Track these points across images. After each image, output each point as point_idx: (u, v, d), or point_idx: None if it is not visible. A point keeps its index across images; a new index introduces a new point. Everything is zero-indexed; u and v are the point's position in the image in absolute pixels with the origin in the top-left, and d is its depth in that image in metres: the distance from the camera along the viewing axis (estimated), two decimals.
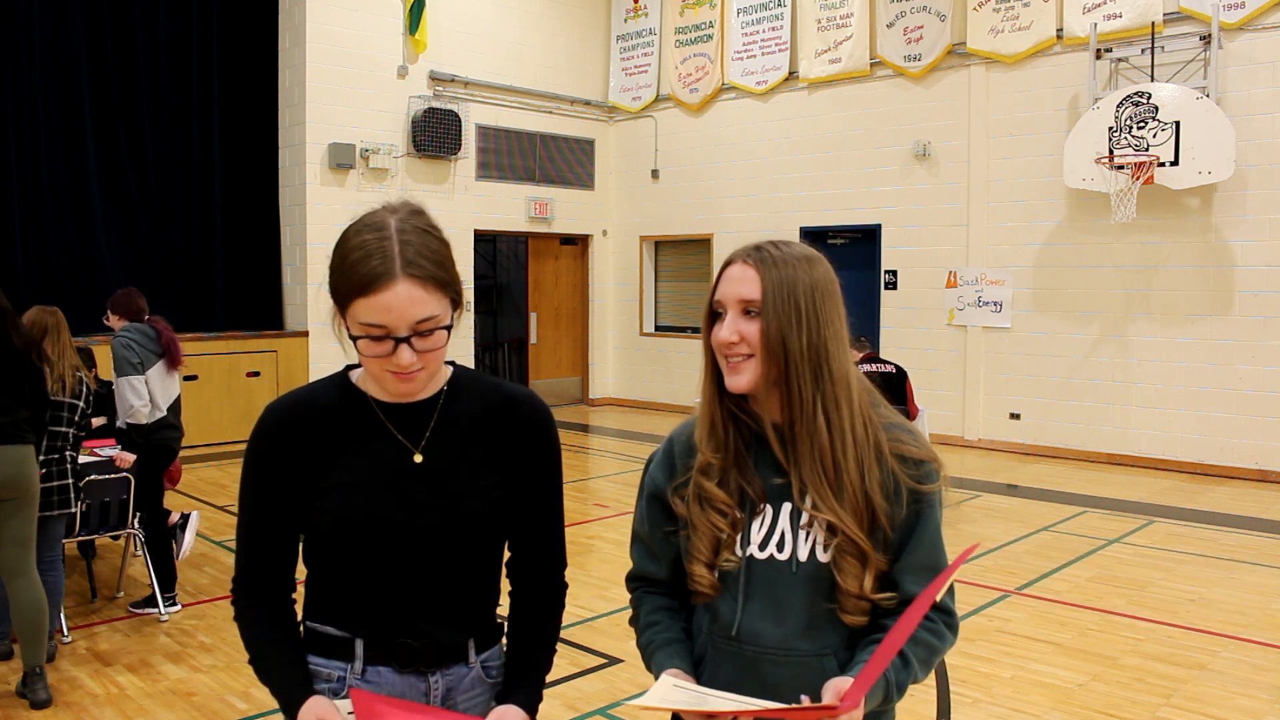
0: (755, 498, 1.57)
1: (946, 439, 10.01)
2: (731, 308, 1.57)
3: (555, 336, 13.28)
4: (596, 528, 6.77)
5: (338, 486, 1.56)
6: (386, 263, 1.44)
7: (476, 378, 1.70)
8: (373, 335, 1.46)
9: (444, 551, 1.57)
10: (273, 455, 1.58)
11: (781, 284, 1.54)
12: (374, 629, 1.58)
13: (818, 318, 1.53)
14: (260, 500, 1.60)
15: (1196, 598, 5.28)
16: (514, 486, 1.64)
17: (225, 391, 9.88)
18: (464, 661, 1.63)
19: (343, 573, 1.59)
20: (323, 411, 1.60)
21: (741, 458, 1.58)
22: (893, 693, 1.50)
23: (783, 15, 11.36)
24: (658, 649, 1.63)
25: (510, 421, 1.65)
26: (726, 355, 1.57)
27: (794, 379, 1.53)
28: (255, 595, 1.62)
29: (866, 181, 10.74)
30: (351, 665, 1.59)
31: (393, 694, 1.60)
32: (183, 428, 5.27)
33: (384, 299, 1.43)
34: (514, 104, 12.09)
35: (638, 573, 1.74)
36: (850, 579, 1.51)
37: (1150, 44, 8.62)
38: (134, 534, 5.18)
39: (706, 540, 1.57)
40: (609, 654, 4.42)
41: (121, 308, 5.14)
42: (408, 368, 1.48)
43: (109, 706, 3.95)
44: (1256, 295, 8.38)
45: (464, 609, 1.63)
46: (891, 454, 1.55)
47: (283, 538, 1.61)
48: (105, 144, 9.80)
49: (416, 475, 1.58)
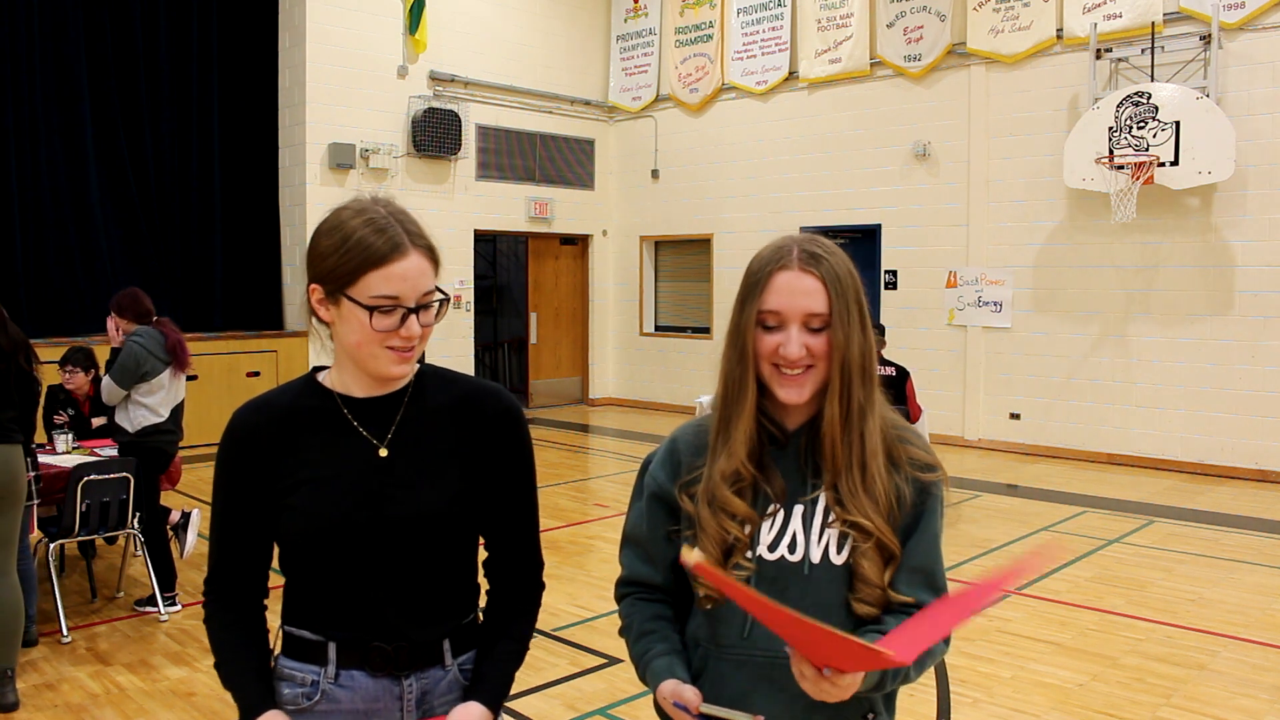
0: (774, 499, 1.53)
1: (946, 439, 10.01)
2: (794, 320, 1.48)
3: (555, 336, 13.28)
4: (596, 528, 6.77)
5: (304, 483, 1.56)
6: (398, 235, 1.50)
7: (443, 373, 1.70)
8: (383, 307, 1.49)
9: (411, 547, 1.57)
10: (241, 458, 1.59)
11: (843, 293, 1.49)
12: (346, 631, 1.57)
13: (864, 320, 1.51)
14: (230, 502, 1.60)
15: (1196, 598, 5.28)
16: (482, 482, 1.63)
17: (225, 391, 9.87)
18: (439, 664, 1.62)
19: (313, 573, 1.58)
20: (288, 411, 1.60)
21: (764, 461, 1.54)
22: (886, 681, 1.48)
23: (783, 15, 11.36)
24: (654, 659, 1.56)
25: (477, 416, 1.64)
26: (785, 368, 1.49)
27: (848, 386, 1.49)
28: (225, 599, 1.62)
29: (866, 181, 10.75)
30: (325, 669, 1.58)
31: (365, 698, 1.58)
32: (182, 431, 5.26)
33: (399, 268, 1.49)
34: (514, 104, 12.09)
35: (630, 578, 1.66)
36: (873, 570, 1.50)
37: (1150, 44, 8.62)
38: (133, 534, 5.18)
39: (715, 544, 1.51)
40: (609, 654, 4.41)
41: (129, 310, 5.05)
42: (412, 339, 1.51)
43: (109, 706, 3.95)
44: (1256, 295, 8.38)
45: (436, 607, 1.61)
46: (904, 457, 1.54)
47: (253, 541, 1.61)
48: (105, 144, 9.80)
49: (381, 470, 1.57)
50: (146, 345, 4.90)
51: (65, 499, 4.68)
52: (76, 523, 4.71)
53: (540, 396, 13.08)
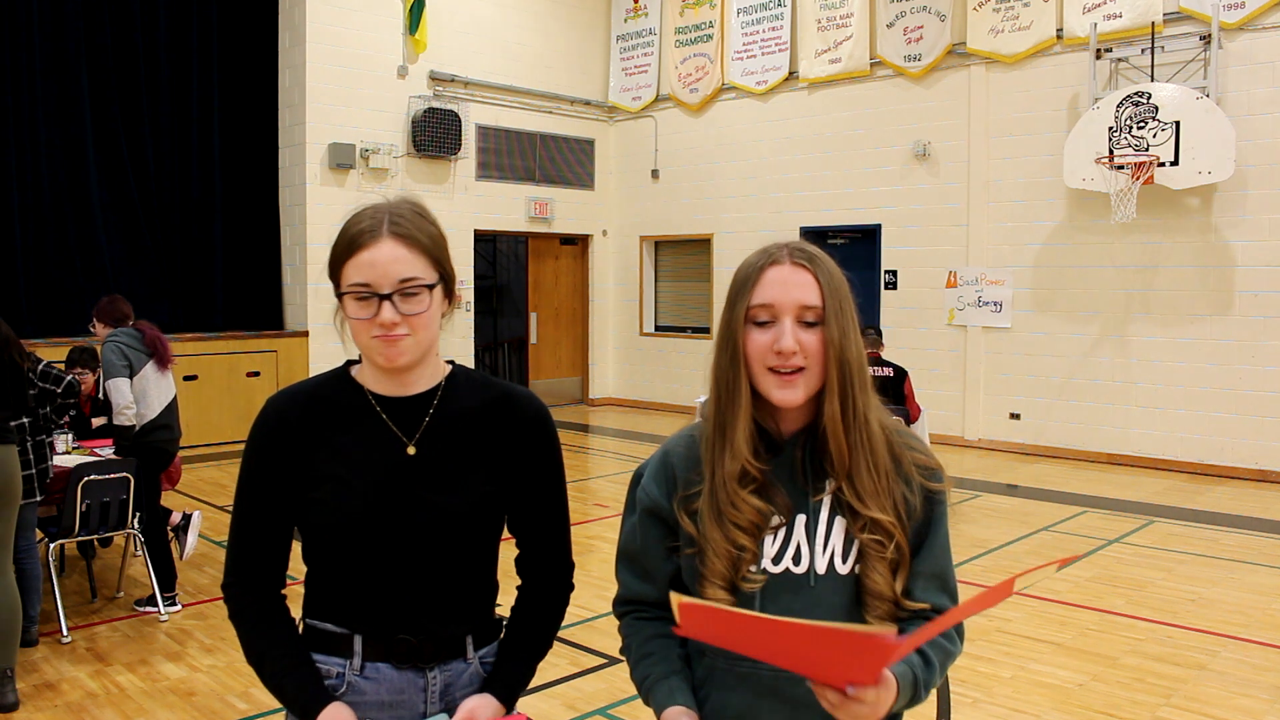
0: (776, 511, 1.48)
1: (946, 439, 10.01)
2: (788, 314, 1.44)
3: (555, 336, 13.29)
4: (596, 528, 6.77)
5: (330, 477, 1.57)
6: (374, 224, 1.53)
7: (475, 376, 1.71)
8: (358, 294, 1.51)
9: (434, 545, 1.58)
10: (272, 445, 1.60)
11: (835, 289, 1.46)
12: (371, 624, 1.59)
13: (855, 320, 1.48)
14: (258, 490, 1.61)
15: (1196, 598, 5.28)
16: (510, 485, 1.64)
17: (225, 391, 9.88)
18: (462, 657, 1.64)
19: (337, 566, 1.59)
20: (320, 402, 1.62)
21: (765, 467, 1.49)
22: (920, 691, 1.45)
23: (783, 15, 11.36)
24: (656, 683, 1.52)
25: (507, 419, 1.66)
26: (777, 367, 1.44)
27: (847, 384, 1.45)
28: (250, 588, 1.62)
29: (866, 181, 10.74)
30: (350, 661, 1.59)
31: (390, 690, 1.60)
32: (179, 429, 5.27)
33: (368, 254, 1.51)
34: (514, 104, 12.09)
35: (627, 596, 1.62)
36: (883, 583, 1.46)
37: (1150, 44, 8.62)
38: (133, 534, 5.18)
39: (725, 560, 1.45)
40: (609, 654, 4.41)
41: (106, 314, 5.22)
42: (390, 326, 1.51)
43: (109, 706, 3.95)
44: (1256, 295, 8.38)
45: (459, 604, 1.63)
46: (908, 462, 1.52)
47: (277, 529, 1.61)
48: (105, 144, 9.80)
49: (409, 468, 1.59)
50: (124, 341, 5.01)
51: (65, 499, 4.68)
52: (76, 523, 4.71)
53: (540, 396, 12.94)
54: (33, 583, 4.35)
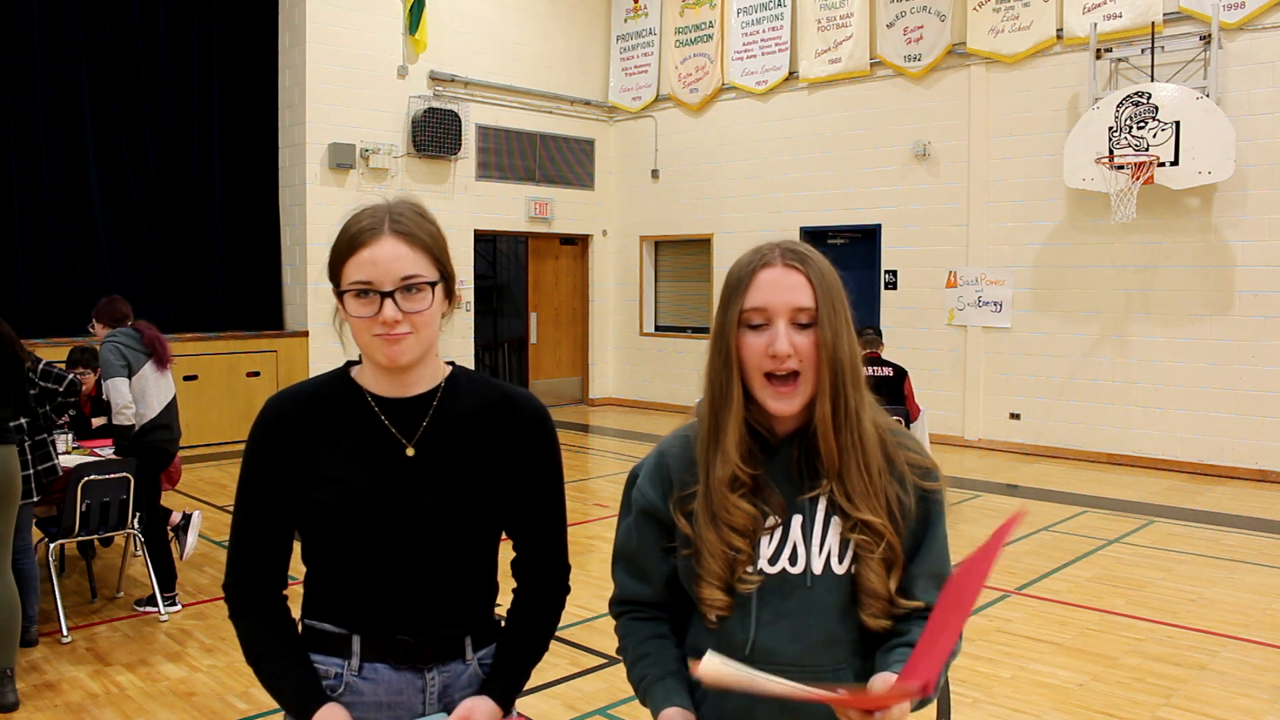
0: (771, 511, 1.48)
1: (946, 439, 10.01)
2: (781, 316, 1.43)
3: (555, 336, 13.29)
4: (596, 528, 6.77)
5: (329, 478, 1.57)
6: (375, 223, 1.54)
7: (475, 377, 1.71)
8: (359, 292, 1.52)
9: (433, 546, 1.58)
10: (272, 446, 1.60)
11: (827, 289, 1.45)
12: (369, 625, 1.59)
13: (848, 318, 1.47)
14: (258, 490, 1.61)
15: (1196, 598, 5.28)
16: (509, 486, 1.64)
17: (225, 391, 9.88)
18: (461, 658, 1.64)
19: (336, 566, 1.59)
20: (320, 403, 1.62)
21: (759, 468, 1.49)
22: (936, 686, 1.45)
23: (783, 15, 11.36)
24: (653, 684, 1.53)
25: (507, 421, 1.66)
26: (773, 371, 1.44)
27: (839, 385, 1.44)
28: (250, 589, 1.62)
29: (866, 181, 10.74)
30: (349, 662, 1.59)
31: (389, 690, 1.60)
32: (179, 429, 5.27)
33: (370, 252, 1.51)
34: (514, 104, 12.09)
35: (623, 596, 1.62)
36: (878, 582, 1.46)
37: (1150, 44, 8.62)
38: (133, 534, 5.18)
39: (720, 561, 1.46)
40: (609, 654, 4.41)
41: (105, 315, 5.22)
42: (392, 324, 1.51)
43: (109, 706, 3.95)
44: (1256, 295, 8.38)
45: (458, 605, 1.63)
46: (902, 462, 1.52)
47: (277, 530, 1.61)
48: (105, 144, 9.80)
49: (408, 469, 1.59)
50: (122, 341, 5.01)
51: (65, 499, 4.68)
52: (76, 523, 4.71)
53: (540, 397, 12.91)
54: (30, 583, 4.35)
